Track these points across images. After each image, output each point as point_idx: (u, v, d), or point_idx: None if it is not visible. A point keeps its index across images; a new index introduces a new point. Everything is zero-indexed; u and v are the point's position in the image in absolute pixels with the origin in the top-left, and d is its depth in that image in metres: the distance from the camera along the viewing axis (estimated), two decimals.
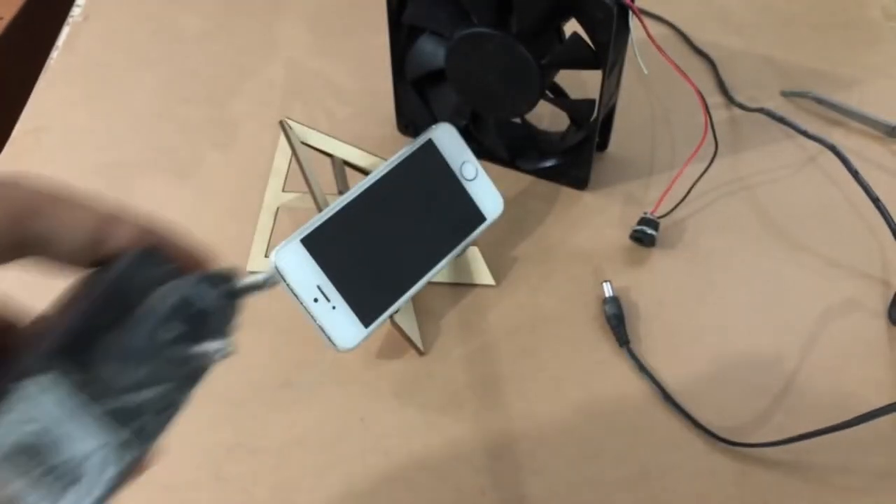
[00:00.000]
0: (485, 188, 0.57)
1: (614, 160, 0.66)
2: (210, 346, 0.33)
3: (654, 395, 0.52)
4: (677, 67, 0.57)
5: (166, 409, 0.32)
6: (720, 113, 0.70)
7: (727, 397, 0.52)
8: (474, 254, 0.58)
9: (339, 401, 0.52)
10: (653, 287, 0.58)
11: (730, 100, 0.70)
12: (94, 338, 0.29)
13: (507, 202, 0.59)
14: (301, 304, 0.49)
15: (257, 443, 0.50)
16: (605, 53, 0.54)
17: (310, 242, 0.49)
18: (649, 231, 0.59)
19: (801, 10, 0.80)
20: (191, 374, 0.32)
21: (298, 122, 0.60)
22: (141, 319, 0.31)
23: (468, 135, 0.62)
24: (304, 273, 0.49)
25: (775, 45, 0.76)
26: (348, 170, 0.61)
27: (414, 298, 0.55)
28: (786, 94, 0.71)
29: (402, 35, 0.61)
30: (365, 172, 0.60)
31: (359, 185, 0.52)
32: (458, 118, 0.63)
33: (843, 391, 0.52)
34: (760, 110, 0.67)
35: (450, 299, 0.57)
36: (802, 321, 0.56)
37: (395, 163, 0.54)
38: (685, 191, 0.62)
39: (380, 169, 0.53)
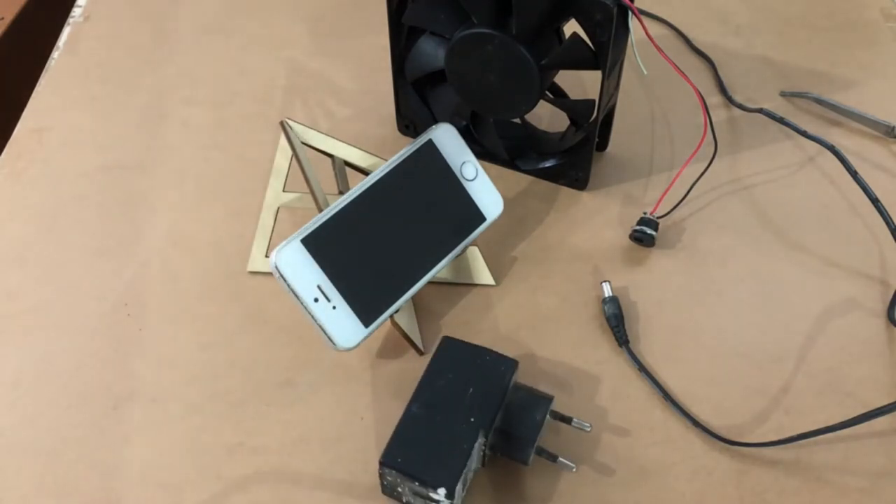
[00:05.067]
0: (485, 188, 0.57)
1: (614, 160, 0.66)
2: None
3: (654, 394, 0.52)
4: (677, 68, 0.57)
5: None
6: (719, 113, 0.70)
7: (726, 397, 0.52)
8: (474, 254, 0.58)
9: (340, 400, 0.52)
10: (652, 287, 0.58)
11: (729, 100, 0.70)
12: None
13: (507, 202, 0.60)
14: (301, 303, 0.49)
15: (258, 442, 0.50)
16: (604, 54, 0.55)
17: (310, 242, 0.50)
18: (649, 231, 0.59)
19: (800, 10, 0.80)
20: None
21: (298, 122, 0.60)
22: None
23: (468, 135, 0.62)
24: (304, 273, 0.49)
25: (774, 46, 0.76)
26: (348, 170, 0.61)
27: (414, 298, 0.55)
28: (785, 95, 0.71)
29: (403, 35, 0.61)
30: (365, 172, 0.60)
31: (359, 186, 0.52)
32: (458, 118, 0.63)
33: (843, 391, 0.52)
34: (760, 111, 0.67)
35: (450, 299, 0.57)
36: (801, 321, 0.56)
37: (396, 163, 0.54)
38: (684, 191, 0.62)
39: (380, 169, 0.53)
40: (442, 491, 0.43)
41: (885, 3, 0.80)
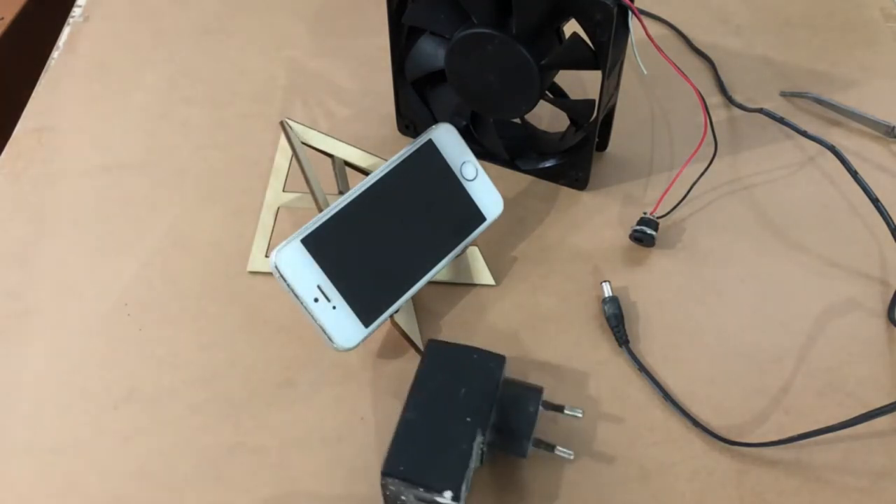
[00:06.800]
0: (485, 188, 0.57)
1: (614, 160, 0.66)
2: None
3: (654, 394, 0.52)
4: (677, 68, 0.57)
5: None
6: (719, 113, 0.70)
7: (726, 397, 0.52)
8: (474, 254, 0.58)
9: (339, 400, 0.52)
10: (652, 287, 0.58)
11: (729, 100, 0.70)
12: None
13: (507, 202, 0.60)
14: (301, 303, 0.49)
15: (257, 442, 0.50)
16: (604, 54, 0.55)
17: (310, 242, 0.50)
18: (649, 231, 0.59)
19: (800, 10, 0.80)
20: None
21: (298, 122, 0.60)
22: None
23: (468, 135, 0.62)
24: (304, 273, 0.49)
25: (774, 46, 0.76)
26: (348, 170, 0.61)
27: (414, 298, 0.55)
28: (785, 95, 0.71)
29: (403, 35, 0.61)
30: (365, 173, 0.60)
31: (359, 186, 0.52)
32: (458, 118, 0.63)
33: (843, 391, 0.52)
34: (760, 111, 0.67)
35: (450, 299, 0.57)
36: (801, 321, 0.56)
37: (396, 163, 0.54)
38: (684, 191, 0.62)
39: (380, 169, 0.53)
40: (448, 494, 0.43)
41: (885, 3, 0.80)
